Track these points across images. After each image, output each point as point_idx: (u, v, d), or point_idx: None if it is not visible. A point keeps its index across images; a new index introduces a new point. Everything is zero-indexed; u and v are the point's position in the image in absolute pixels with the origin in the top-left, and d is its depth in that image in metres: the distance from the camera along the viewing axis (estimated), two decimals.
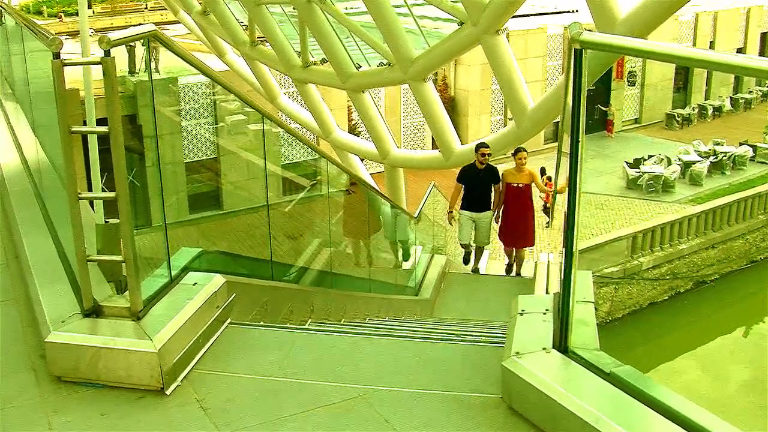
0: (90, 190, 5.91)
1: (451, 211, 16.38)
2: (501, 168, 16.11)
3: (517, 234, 16.09)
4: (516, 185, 15.38)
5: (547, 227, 32.05)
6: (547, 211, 32.45)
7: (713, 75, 50.60)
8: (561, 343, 4.02)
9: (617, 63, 44.19)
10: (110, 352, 4.29)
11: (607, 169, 39.82)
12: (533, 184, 15.84)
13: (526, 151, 15.48)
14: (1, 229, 7.02)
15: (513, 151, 15.80)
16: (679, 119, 48.85)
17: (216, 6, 26.26)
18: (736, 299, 31.25)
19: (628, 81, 48.08)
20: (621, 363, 3.76)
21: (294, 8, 20.59)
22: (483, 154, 15.15)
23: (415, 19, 17.48)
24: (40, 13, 62.32)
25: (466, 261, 17.18)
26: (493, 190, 15.55)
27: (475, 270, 17.24)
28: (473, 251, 16.75)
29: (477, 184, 15.42)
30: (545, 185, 32.66)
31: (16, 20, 10.04)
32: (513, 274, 17.40)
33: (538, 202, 28.42)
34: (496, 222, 15.89)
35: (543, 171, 33.66)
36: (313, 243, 12.57)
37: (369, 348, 5.08)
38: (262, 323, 6.48)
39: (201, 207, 27.58)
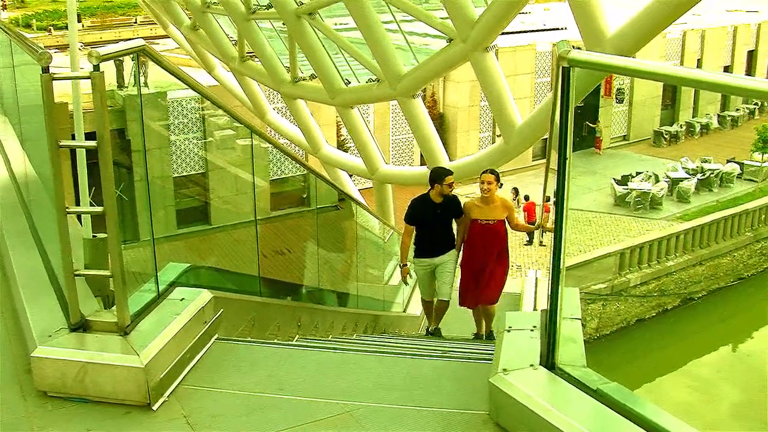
0: (78, 204, 5.88)
1: (405, 264, 11.08)
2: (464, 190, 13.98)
3: (478, 287, 10.72)
4: (482, 222, 10.38)
5: (527, 245, 32.15)
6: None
7: (700, 93, 50.84)
8: (548, 360, 4.03)
9: (605, 80, 44.40)
10: (97, 367, 4.27)
11: (596, 185, 39.94)
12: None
13: (494, 173, 10.47)
14: None
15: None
16: (666, 136, 49.07)
17: (205, 21, 26.30)
18: (724, 316, 31.33)
19: (617, 98, 48.28)
20: (608, 380, 3.77)
21: (283, 23, 20.63)
22: (450, 185, 10.45)
23: (404, 36, 17.53)
24: (29, 26, 62.28)
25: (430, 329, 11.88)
26: (455, 224, 10.82)
27: (435, 332, 11.70)
28: (434, 308, 11.58)
29: (435, 223, 10.66)
30: (519, 204, 32.91)
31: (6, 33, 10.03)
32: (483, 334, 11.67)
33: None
34: (459, 266, 10.94)
35: (516, 192, 33.79)
36: (300, 259, 12.57)
37: (356, 364, 5.07)
38: (249, 339, 6.47)
39: (189, 222, 27.57)
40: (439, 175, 10.53)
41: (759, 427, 20.53)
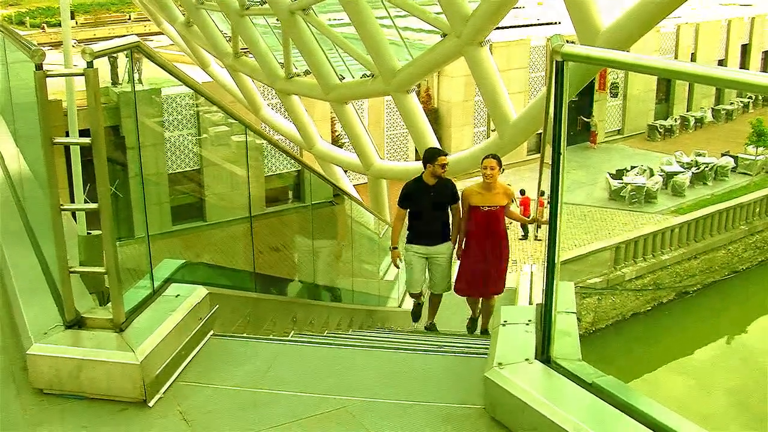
0: (72, 201, 5.88)
1: (396, 247, 10.49)
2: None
3: (488, 278, 10.25)
4: (484, 209, 9.83)
5: (522, 239, 32.16)
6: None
7: (695, 86, 50.88)
8: (543, 354, 4.04)
9: (600, 74, 44.42)
10: (92, 363, 4.27)
11: (590, 180, 39.97)
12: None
13: (496, 158, 9.91)
14: None
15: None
16: (661, 130, 49.10)
17: (199, 17, 26.26)
18: (719, 309, 31.36)
19: (611, 92, 48.30)
20: (603, 373, 3.78)
21: (277, 19, 20.62)
22: (443, 166, 9.88)
23: (398, 31, 17.52)
24: (22, 23, 62.18)
25: (416, 317, 11.59)
26: (450, 212, 10.23)
27: (430, 327, 11.46)
28: (426, 302, 11.26)
29: (428, 206, 10.08)
30: (519, 204, 32.87)
31: None
32: (478, 330, 11.28)
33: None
34: (458, 257, 10.40)
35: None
36: (295, 255, 12.56)
37: (352, 359, 5.07)
38: (244, 335, 6.47)
39: (184, 218, 27.54)
40: (431, 154, 10.04)
41: (754, 418, 20.58)
